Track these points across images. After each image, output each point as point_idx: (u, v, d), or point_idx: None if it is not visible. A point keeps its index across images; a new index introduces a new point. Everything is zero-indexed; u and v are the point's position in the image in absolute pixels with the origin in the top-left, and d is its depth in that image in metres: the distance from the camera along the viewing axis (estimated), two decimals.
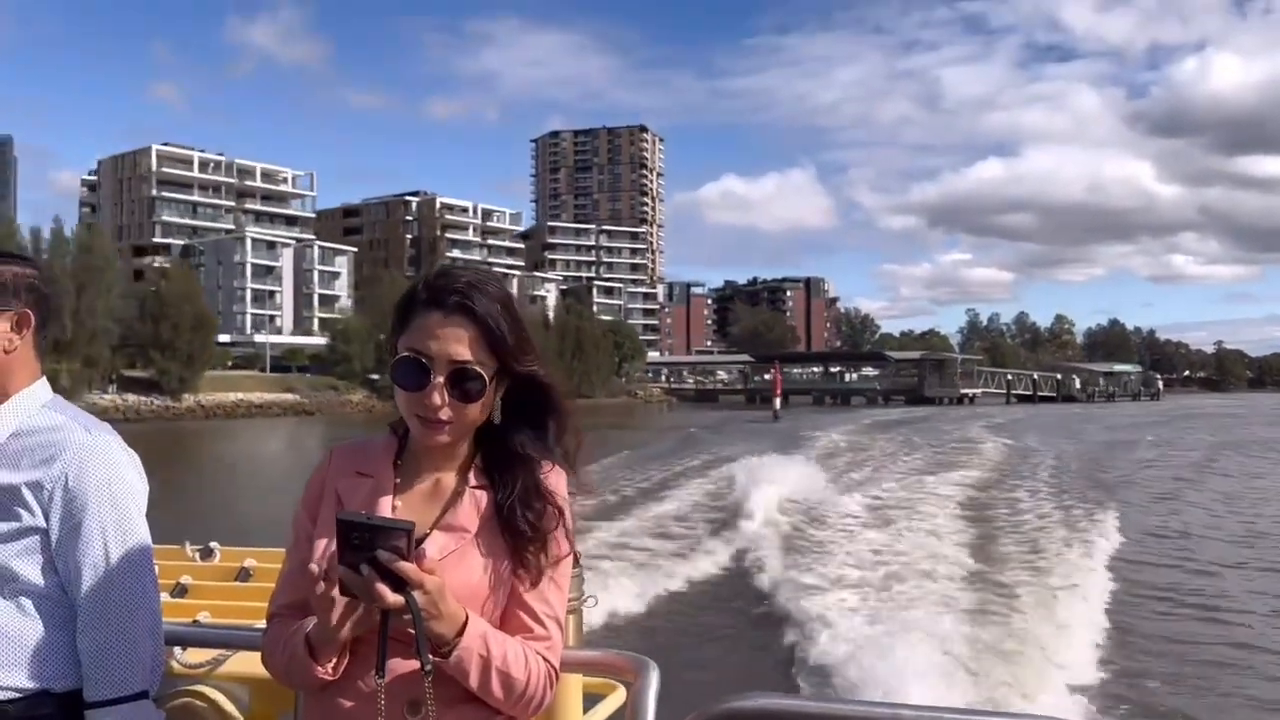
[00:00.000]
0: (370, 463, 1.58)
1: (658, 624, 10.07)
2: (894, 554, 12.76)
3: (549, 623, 1.55)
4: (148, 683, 1.68)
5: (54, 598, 1.68)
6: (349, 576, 1.36)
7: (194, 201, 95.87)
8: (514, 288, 74.84)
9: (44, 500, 1.67)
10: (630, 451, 29.23)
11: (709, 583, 11.92)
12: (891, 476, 22.55)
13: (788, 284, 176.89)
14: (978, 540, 14.03)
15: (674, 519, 16.15)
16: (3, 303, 1.71)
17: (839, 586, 10.93)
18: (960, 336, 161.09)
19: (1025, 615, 9.45)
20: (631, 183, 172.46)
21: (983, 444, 32.85)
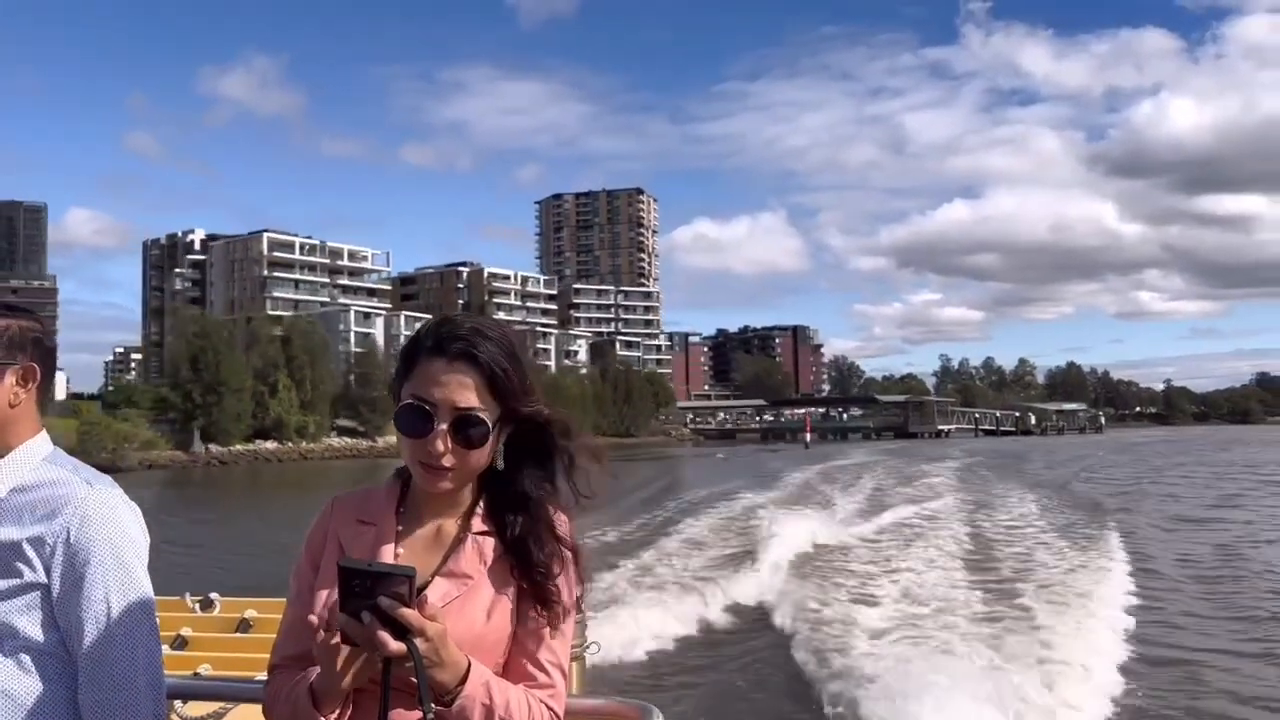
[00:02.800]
0: (372, 511, 1.63)
1: (661, 668, 10.18)
2: (902, 590, 12.92)
3: (552, 670, 1.59)
4: None
5: (55, 654, 1.70)
6: (350, 624, 1.38)
7: (296, 279, 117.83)
8: (551, 344, 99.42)
9: (46, 556, 1.69)
10: (642, 490, 31.20)
11: (715, 625, 11.98)
12: (891, 506, 24.15)
13: (776, 332, 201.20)
14: (984, 569, 14.51)
15: (679, 559, 16.39)
16: (9, 356, 1.76)
17: (850, 626, 10.89)
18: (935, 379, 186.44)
19: (1043, 645, 9.45)
20: (630, 240, 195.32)
21: (941, 478, 36.18)
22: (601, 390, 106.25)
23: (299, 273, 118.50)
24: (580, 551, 1.63)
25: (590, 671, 2.38)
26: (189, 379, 63.92)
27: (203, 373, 63.94)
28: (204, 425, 63.01)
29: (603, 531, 18.09)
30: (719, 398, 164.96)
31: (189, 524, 26.64)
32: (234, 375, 65.13)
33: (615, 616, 10.95)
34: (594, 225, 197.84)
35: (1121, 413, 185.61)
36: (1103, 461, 51.01)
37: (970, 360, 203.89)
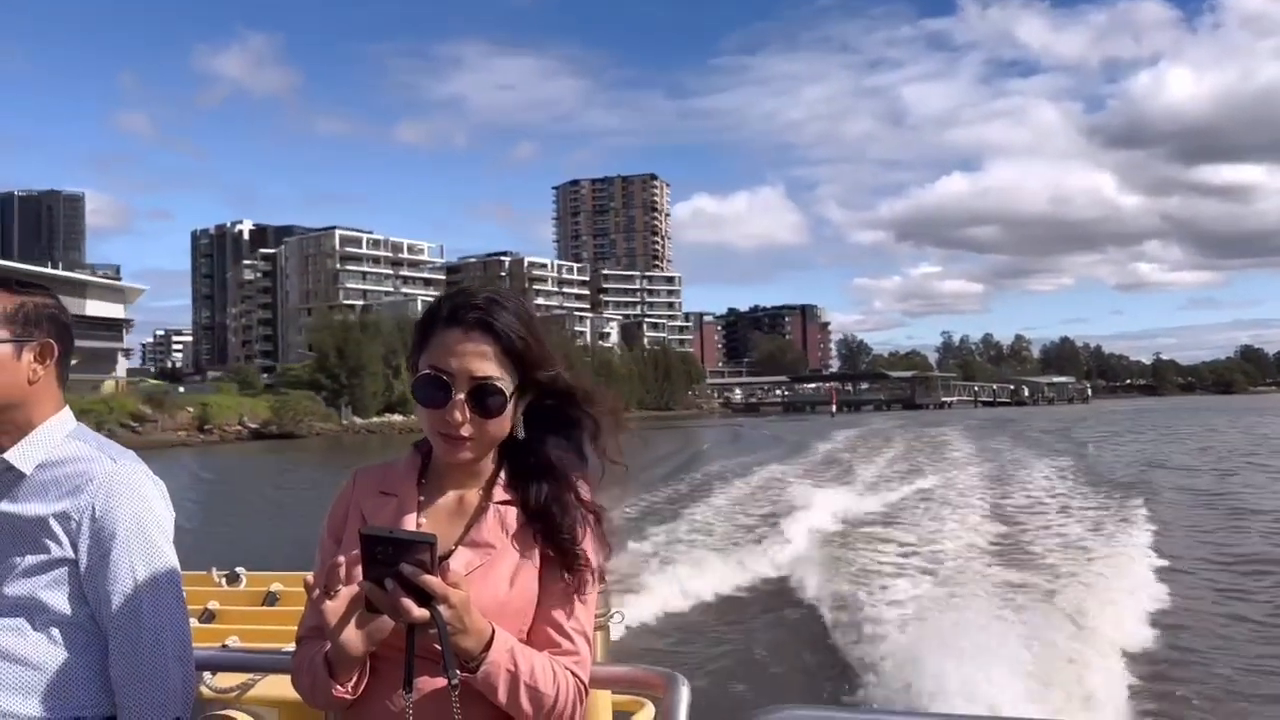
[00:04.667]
0: (394, 482, 1.68)
1: (687, 636, 10.24)
2: (927, 558, 13.08)
3: (577, 638, 1.62)
4: (179, 708, 1.78)
5: (85, 627, 1.77)
6: (374, 592, 1.42)
7: (364, 271, 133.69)
8: (586, 327, 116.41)
9: (72, 531, 1.76)
10: (669, 461, 33.08)
11: (740, 593, 12.07)
12: (912, 475, 25.02)
13: (785, 311, 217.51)
14: (1007, 538, 14.74)
15: (704, 528, 16.56)
16: (26, 333, 1.81)
17: (874, 594, 10.92)
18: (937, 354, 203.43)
19: (1067, 615, 9.42)
20: (645, 224, 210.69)
21: (955, 446, 38.37)
22: (643, 369, 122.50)
23: (366, 265, 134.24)
24: (604, 518, 1.67)
25: (614, 640, 2.45)
26: (336, 364, 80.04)
27: (347, 358, 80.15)
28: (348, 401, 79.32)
29: (632, 499, 17.76)
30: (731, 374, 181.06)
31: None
32: (370, 360, 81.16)
33: (640, 585, 11.05)
34: (610, 210, 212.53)
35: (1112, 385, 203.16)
36: (1067, 419, 66.22)
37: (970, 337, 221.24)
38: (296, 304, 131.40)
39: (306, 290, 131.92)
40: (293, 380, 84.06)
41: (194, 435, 63.89)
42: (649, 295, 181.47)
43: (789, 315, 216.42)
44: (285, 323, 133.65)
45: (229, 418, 67.86)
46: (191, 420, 65.50)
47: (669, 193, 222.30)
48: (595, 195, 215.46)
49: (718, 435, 62.25)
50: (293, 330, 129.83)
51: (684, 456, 37.63)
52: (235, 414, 68.87)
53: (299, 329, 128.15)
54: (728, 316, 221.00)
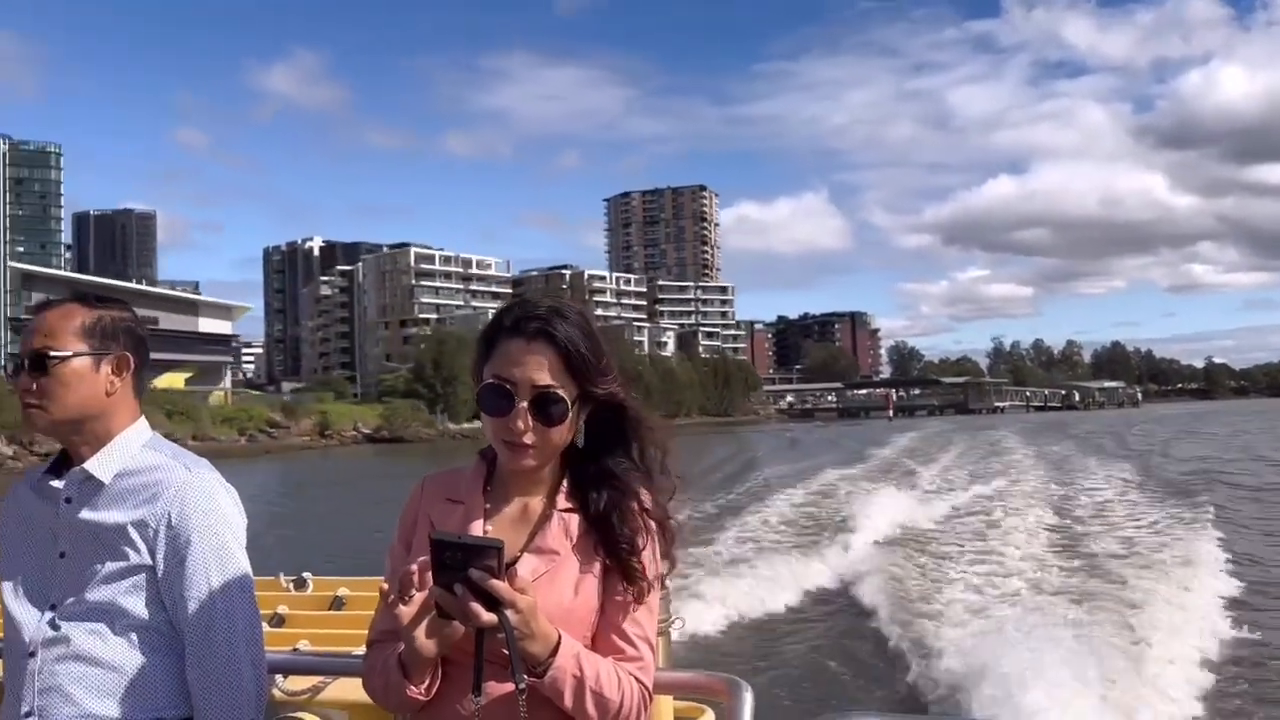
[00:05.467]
0: (460, 490, 1.73)
1: (746, 642, 10.30)
2: (990, 563, 13.10)
3: (640, 644, 1.65)
4: (253, 710, 1.86)
5: (163, 631, 1.85)
6: (443, 596, 1.47)
7: (437, 286, 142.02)
8: (644, 336, 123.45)
9: (149, 538, 1.84)
10: (731, 464, 33.68)
11: (799, 599, 12.09)
12: (973, 480, 25.59)
13: (835, 318, 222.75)
14: (1072, 543, 14.79)
15: (764, 533, 16.82)
16: (104, 346, 1.91)
17: (936, 601, 10.95)
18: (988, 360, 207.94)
19: (1138, 621, 9.35)
20: (694, 234, 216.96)
21: (1014, 450, 39.06)
22: (704, 377, 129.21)
23: (439, 281, 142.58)
24: (668, 526, 1.71)
25: (675, 647, 2.44)
26: (432, 374, 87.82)
27: (441, 369, 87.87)
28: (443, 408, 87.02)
29: (692, 504, 17.52)
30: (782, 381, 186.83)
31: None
32: (461, 371, 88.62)
33: (698, 591, 11.10)
34: (660, 221, 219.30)
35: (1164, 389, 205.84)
36: (1119, 423, 70.07)
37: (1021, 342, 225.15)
38: (374, 318, 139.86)
39: (383, 305, 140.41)
40: (388, 389, 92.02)
41: (317, 440, 71.77)
42: (703, 305, 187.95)
43: (838, 322, 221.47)
44: (363, 335, 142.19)
45: (345, 424, 75.79)
46: (314, 426, 73.43)
47: (718, 202, 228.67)
48: (646, 207, 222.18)
49: (775, 440, 63.21)
50: (370, 343, 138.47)
51: (742, 461, 38.84)
52: (350, 421, 76.79)
53: (376, 341, 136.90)
54: (777, 324, 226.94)
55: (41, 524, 1.91)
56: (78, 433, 1.90)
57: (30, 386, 1.86)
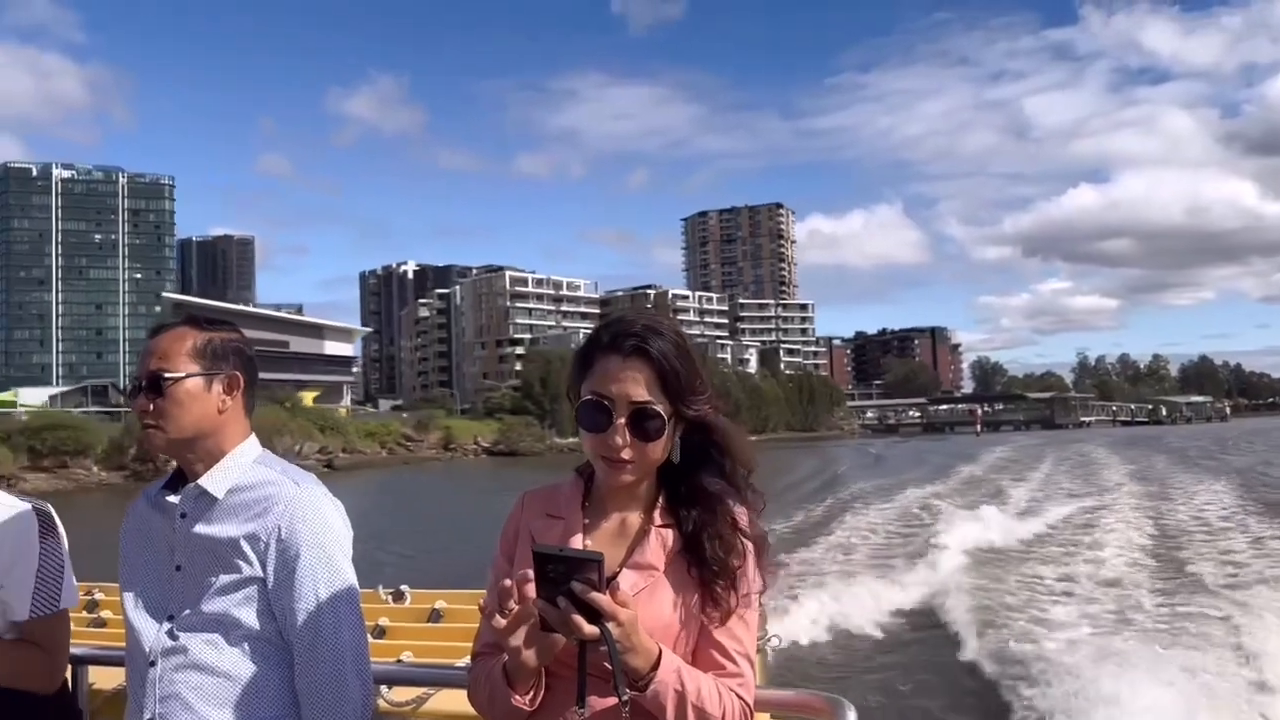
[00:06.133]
0: (560, 505, 1.76)
1: (835, 661, 10.26)
2: (1086, 583, 12.96)
3: (740, 660, 1.67)
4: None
5: (273, 641, 1.94)
6: (546, 609, 1.48)
7: (530, 308, 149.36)
8: (727, 354, 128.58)
9: (260, 551, 1.92)
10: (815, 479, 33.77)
11: (889, 617, 11.97)
12: (1067, 496, 25.66)
13: (914, 333, 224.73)
14: (1169, 560, 14.54)
15: (850, 550, 16.72)
16: (215, 367, 2.00)
17: (1030, 621, 10.84)
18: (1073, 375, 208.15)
19: (1248, 644, 9.14)
20: (771, 251, 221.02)
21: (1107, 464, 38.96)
22: (789, 393, 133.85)
23: (532, 302, 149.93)
24: (764, 543, 1.73)
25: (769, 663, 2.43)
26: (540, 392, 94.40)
27: (549, 387, 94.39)
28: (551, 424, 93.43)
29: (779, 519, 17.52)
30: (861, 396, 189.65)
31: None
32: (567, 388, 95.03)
33: (784, 607, 10.97)
34: (737, 239, 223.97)
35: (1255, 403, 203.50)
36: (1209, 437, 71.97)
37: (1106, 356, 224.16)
38: (471, 338, 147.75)
39: (480, 325, 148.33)
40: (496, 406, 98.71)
41: (442, 453, 78.61)
42: (783, 322, 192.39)
43: (918, 338, 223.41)
44: (460, 355, 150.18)
45: (466, 438, 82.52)
46: (439, 440, 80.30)
47: (794, 220, 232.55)
48: (723, 225, 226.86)
49: (859, 456, 63.39)
50: (468, 362, 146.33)
51: (826, 476, 39.13)
52: (471, 435, 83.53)
53: (474, 361, 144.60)
54: (855, 339, 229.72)
55: (159, 538, 2.03)
56: (192, 450, 2.00)
57: (147, 407, 1.99)
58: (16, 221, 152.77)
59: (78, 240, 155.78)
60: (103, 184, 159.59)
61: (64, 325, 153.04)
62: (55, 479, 48.83)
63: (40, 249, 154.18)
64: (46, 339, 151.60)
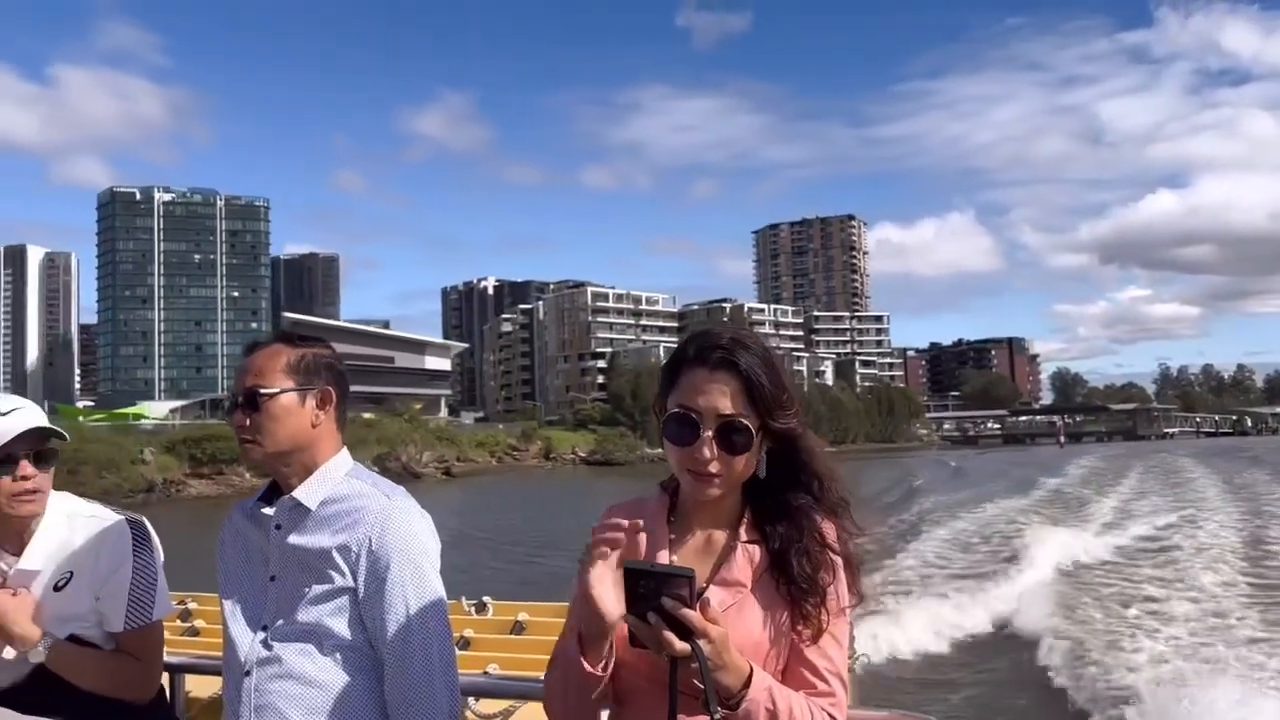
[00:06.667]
0: (645, 519, 1.69)
1: (915, 678, 10.10)
2: (1178, 601, 12.67)
3: (831, 679, 1.66)
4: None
5: (364, 651, 1.99)
6: (636, 625, 1.49)
7: (611, 322, 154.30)
8: (803, 366, 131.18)
9: (352, 562, 1.98)
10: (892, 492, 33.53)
11: (970, 634, 11.81)
12: (1155, 510, 25.19)
13: (991, 344, 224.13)
14: (1266, 576, 14.15)
15: (939, 561, 16.48)
16: (308, 382, 2.08)
17: (1118, 640, 10.66)
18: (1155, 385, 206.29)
19: None
20: (843, 263, 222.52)
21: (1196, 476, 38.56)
22: (869, 405, 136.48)
23: (612, 317, 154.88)
24: (854, 560, 1.72)
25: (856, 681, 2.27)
26: (631, 404, 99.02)
27: (639, 399, 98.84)
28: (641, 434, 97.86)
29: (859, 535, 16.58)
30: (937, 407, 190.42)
31: None
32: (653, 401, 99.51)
33: (869, 623, 10.70)
34: (808, 251, 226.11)
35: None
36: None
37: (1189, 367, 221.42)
38: (554, 352, 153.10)
39: (563, 340, 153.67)
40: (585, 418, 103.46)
41: (543, 462, 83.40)
42: (858, 334, 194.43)
43: (995, 348, 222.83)
44: (543, 368, 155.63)
45: (565, 448, 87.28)
46: (540, 450, 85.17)
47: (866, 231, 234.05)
48: (794, 238, 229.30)
49: (937, 467, 62.75)
50: (551, 375, 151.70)
51: (904, 489, 38.65)
52: (569, 445, 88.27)
53: (557, 374, 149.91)
54: (930, 350, 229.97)
55: (255, 549, 2.11)
56: (287, 464, 2.08)
57: (244, 423, 2.06)
58: (121, 243, 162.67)
59: (178, 260, 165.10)
60: (201, 206, 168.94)
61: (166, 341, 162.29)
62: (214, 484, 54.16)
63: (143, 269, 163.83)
64: (150, 355, 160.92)
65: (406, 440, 66.31)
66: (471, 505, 43.85)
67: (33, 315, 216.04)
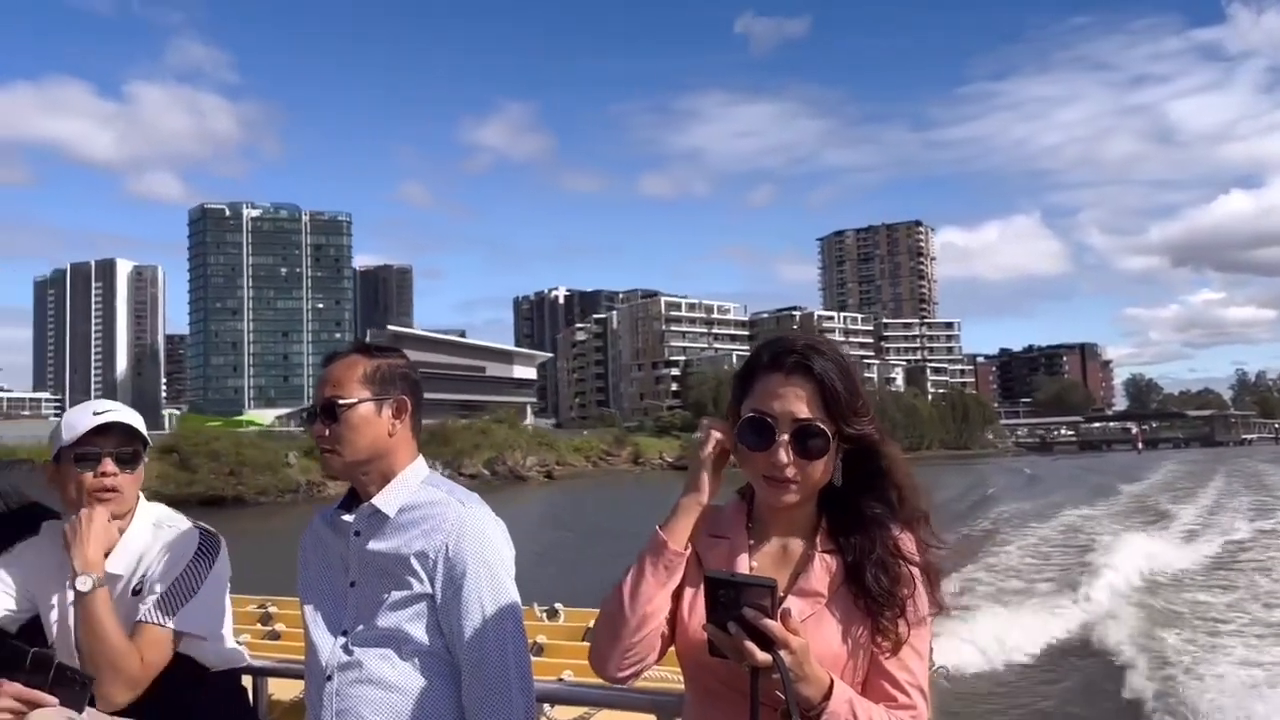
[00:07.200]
0: (723, 526, 1.76)
1: (1000, 690, 9.94)
2: (1266, 615, 12.40)
3: (913, 691, 1.64)
4: None
5: (441, 656, 2.04)
6: (716, 634, 1.49)
7: (684, 330, 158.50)
8: (874, 373, 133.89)
9: (429, 568, 2.03)
10: (965, 500, 33.14)
11: (1045, 646, 11.65)
12: (1241, 518, 24.80)
13: (1062, 350, 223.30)
14: None
15: (1015, 570, 16.21)
16: (384, 392, 2.12)
17: (1203, 657, 10.42)
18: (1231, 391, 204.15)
19: None
20: (910, 269, 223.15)
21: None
22: (942, 411, 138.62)
23: (685, 326, 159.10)
24: (933, 570, 1.70)
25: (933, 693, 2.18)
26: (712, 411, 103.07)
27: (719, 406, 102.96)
28: None
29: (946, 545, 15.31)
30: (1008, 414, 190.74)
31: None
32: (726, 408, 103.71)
33: (945, 634, 10.42)
34: (874, 257, 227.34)
35: None
36: None
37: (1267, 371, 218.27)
38: (628, 360, 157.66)
39: (637, 348, 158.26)
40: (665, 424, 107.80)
41: (633, 467, 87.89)
42: (928, 341, 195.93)
43: (1066, 354, 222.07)
44: (618, 376, 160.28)
45: (652, 453, 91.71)
46: (630, 455, 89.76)
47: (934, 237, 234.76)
48: (860, 244, 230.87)
49: (1011, 474, 61.88)
50: (625, 383, 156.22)
51: (980, 495, 38.39)
52: (656, 451, 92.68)
53: (631, 381, 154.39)
54: (1000, 356, 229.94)
55: (335, 555, 2.16)
56: (365, 472, 2.13)
57: (324, 433, 2.12)
58: (212, 257, 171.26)
59: (266, 273, 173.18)
60: (287, 221, 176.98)
61: (254, 352, 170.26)
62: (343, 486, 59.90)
63: (233, 282, 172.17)
64: (239, 365, 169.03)
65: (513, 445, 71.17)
66: (570, 506, 47.52)
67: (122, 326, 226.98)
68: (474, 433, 68.58)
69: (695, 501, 1.67)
